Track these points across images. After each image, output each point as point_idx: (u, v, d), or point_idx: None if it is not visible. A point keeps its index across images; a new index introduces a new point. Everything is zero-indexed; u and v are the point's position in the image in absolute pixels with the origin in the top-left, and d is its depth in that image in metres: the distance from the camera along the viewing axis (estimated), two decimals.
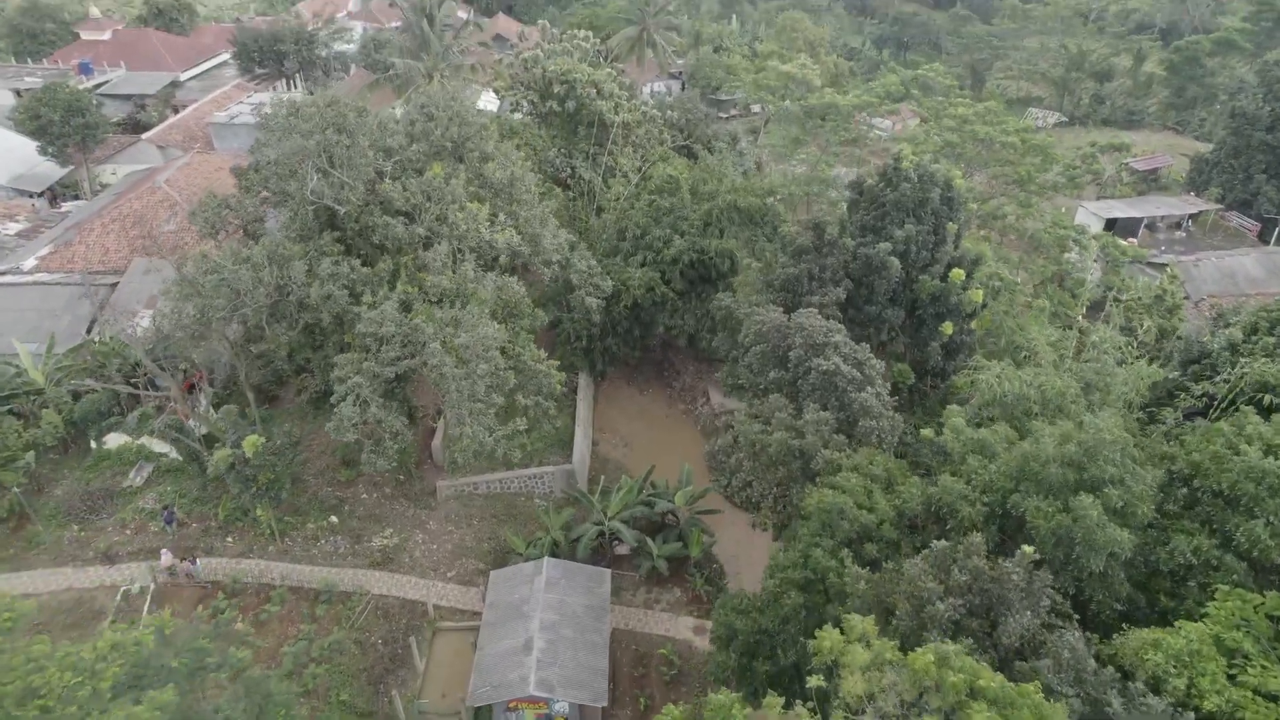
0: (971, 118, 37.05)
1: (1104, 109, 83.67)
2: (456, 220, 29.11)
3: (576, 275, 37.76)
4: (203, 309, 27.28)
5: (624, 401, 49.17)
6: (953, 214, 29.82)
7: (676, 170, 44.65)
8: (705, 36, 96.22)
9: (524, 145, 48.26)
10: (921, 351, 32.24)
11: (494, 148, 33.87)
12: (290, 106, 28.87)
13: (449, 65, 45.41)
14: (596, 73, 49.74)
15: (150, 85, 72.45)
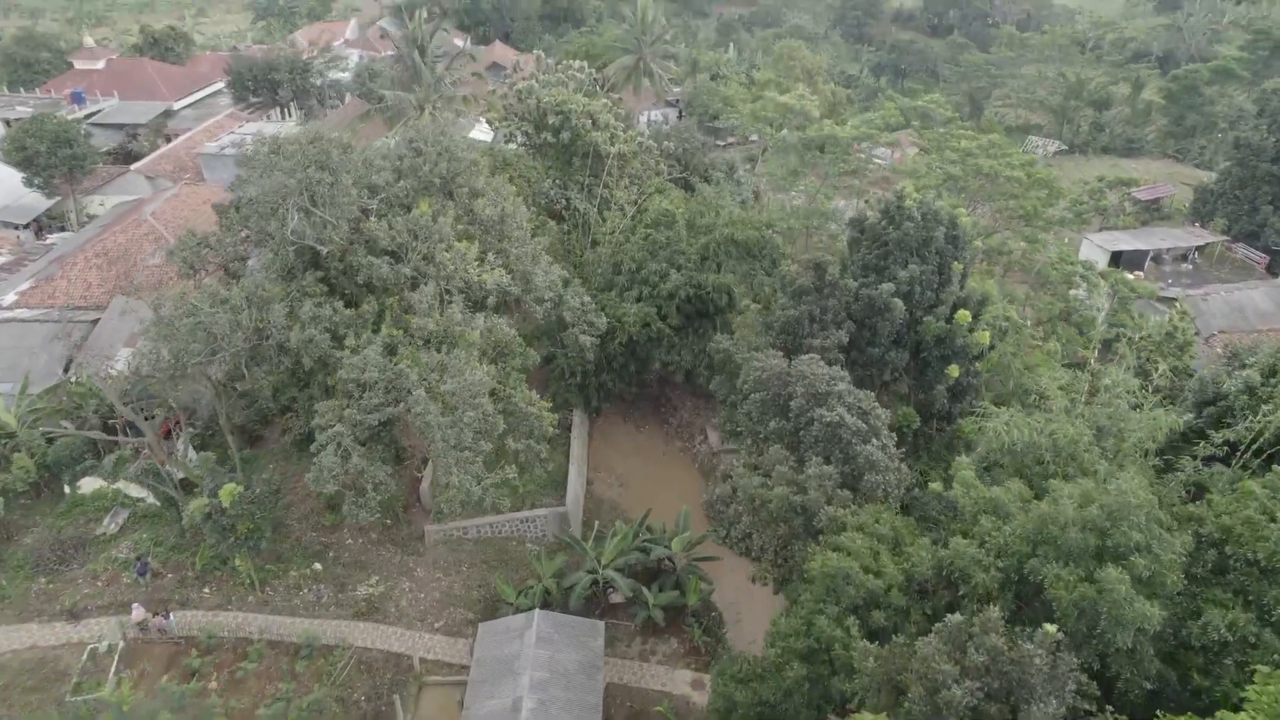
0: (975, 151, 36.19)
1: (1103, 137, 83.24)
2: (444, 260, 28.04)
3: (570, 313, 36.67)
4: (177, 353, 26.12)
5: (620, 439, 47.93)
6: (958, 253, 28.79)
7: (673, 203, 43.73)
8: (702, 64, 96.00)
9: (518, 177, 47.43)
10: (927, 394, 31.08)
11: (484, 183, 32.88)
12: (271, 144, 27.89)
13: (441, 97, 44.60)
14: (592, 103, 49.00)
15: (143, 114, 71.85)
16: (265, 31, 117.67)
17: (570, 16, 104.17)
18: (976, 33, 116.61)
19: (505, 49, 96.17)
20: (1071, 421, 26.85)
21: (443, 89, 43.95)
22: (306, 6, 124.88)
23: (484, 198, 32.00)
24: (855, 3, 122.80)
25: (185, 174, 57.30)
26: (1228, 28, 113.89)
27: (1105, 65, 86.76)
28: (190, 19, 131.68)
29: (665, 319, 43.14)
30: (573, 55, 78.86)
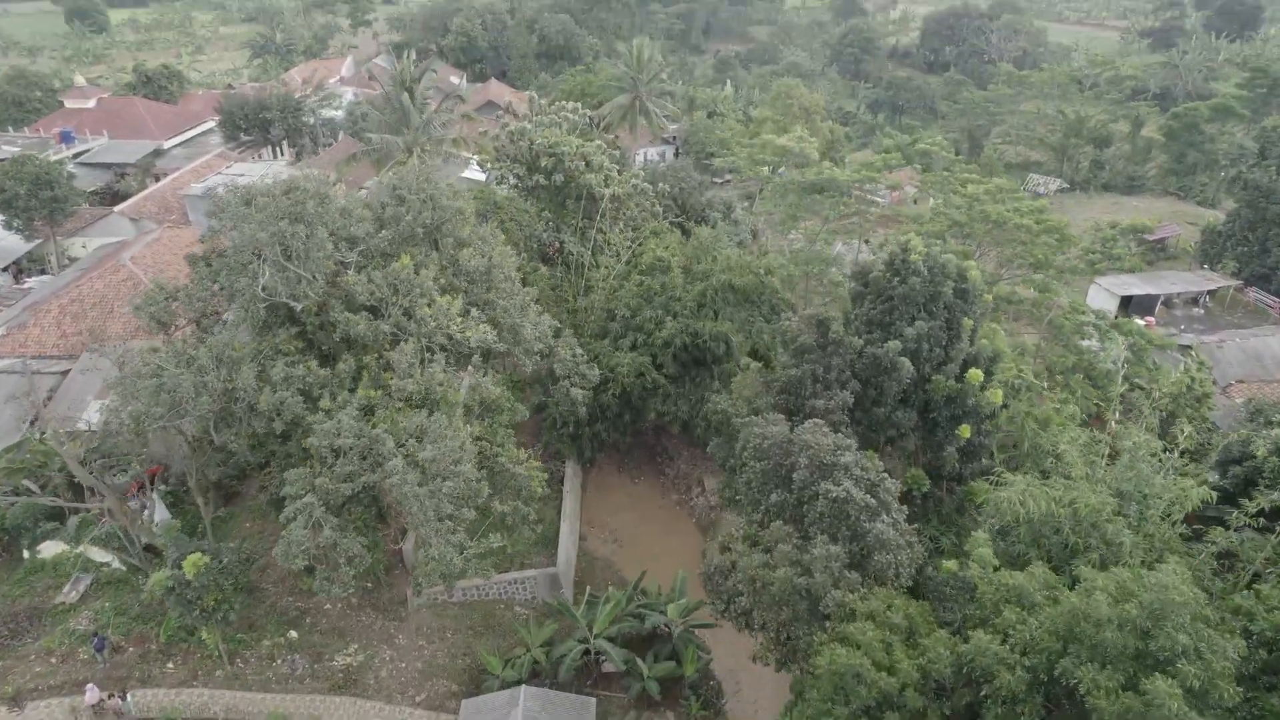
0: (982, 196, 34.89)
1: (1104, 174, 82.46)
2: (424, 316, 26.48)
3: (560, 365, 35.08)
4: (138, 417, 24.44)
5: (614, 491, 46.12)
6: (968, 308, 27.28)
7: (668, 249, 42.39)
8: (699, 102, 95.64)
9: (509, 220, 46.16)
10: (936, 455, 29.37)
11: (470, 232, 31.46)
12: (243, 194, 26.45)
13: (430, 139, 43.42)
14: (586, 145, 47.88)
15: (132, 154, 70.83)
16: (261, 69, 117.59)
17: (566, 55, 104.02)
18: (973, 69, 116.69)
19: (501, 87, 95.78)
20: (1093, 488, 25.16)
21: (431, 131, 42.77)
22: (304, 44, 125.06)
23: (470, 248, 30.55)
24: (851, 40, 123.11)
25: (171, 215, 56.01)
26: (1223, 65, 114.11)
27: (1105, 103, 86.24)
28: (187, 57, 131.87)
29: (660, 368, 41.60)
30: (568, 94, 78.28)
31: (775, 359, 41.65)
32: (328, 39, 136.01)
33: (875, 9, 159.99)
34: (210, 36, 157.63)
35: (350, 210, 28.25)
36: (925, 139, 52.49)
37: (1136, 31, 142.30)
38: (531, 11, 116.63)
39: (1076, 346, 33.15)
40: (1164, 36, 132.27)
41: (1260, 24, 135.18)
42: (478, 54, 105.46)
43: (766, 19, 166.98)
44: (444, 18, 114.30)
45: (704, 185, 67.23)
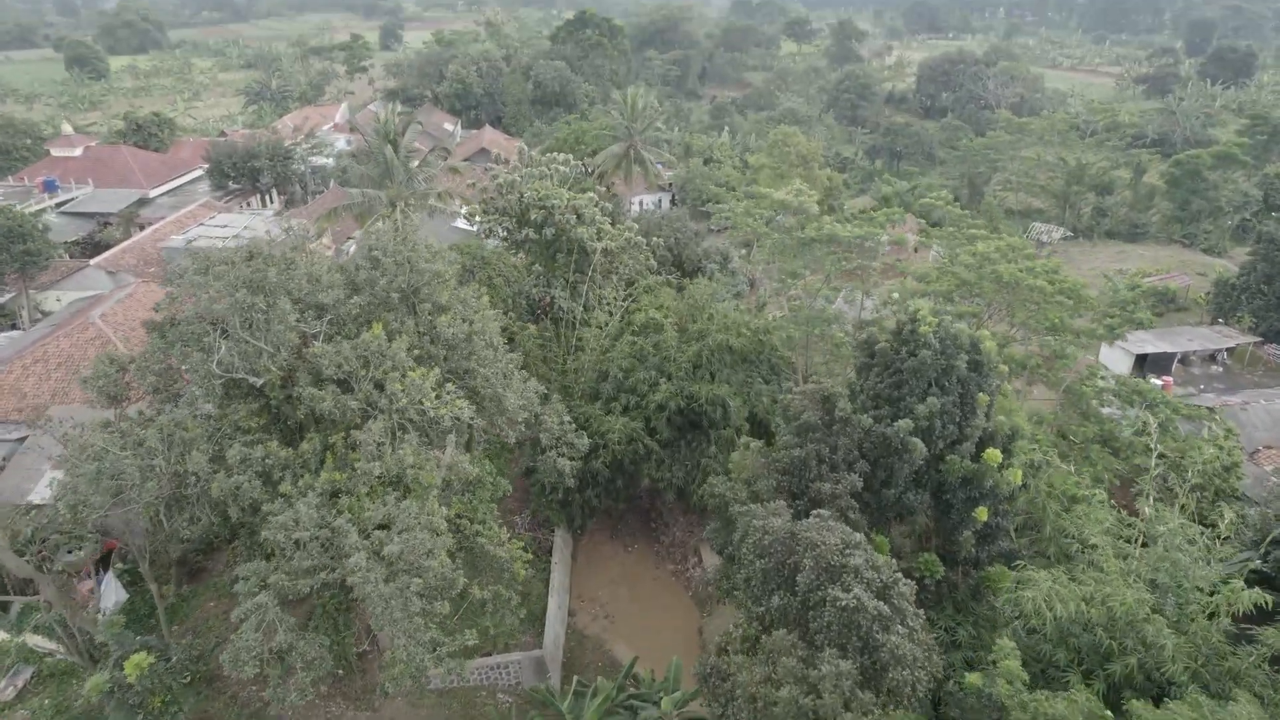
0: (993, 255, 33.14)
1: (1106, 222, 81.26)
2: (395, 392, 24.39)
3: (546, 435, 32.93)
4: (74, 506, 22.22)
5: (606, 560, 43.61)
6: (983, 382, 25.24)
7: (661, 310, 40.55)
8: (695, 149, 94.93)
9: (497, 276, 44.40)
10: (950, 537, 27.07)
11: (450, 296, 29.53)
12: (200, 261, 24.55)
13: (414, 194, 41.80)
14: (577, 197, 46.33)
15: (116, 203, 69.43)
16: (256, 115, 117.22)
17: (562, 101, 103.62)
18: (971, 115, 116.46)
19: (495, 134, 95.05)
20: (1126, 582, 22.86)
21: (415, 185, 41.16)
22: (299, 90, 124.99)
23: (449, 313, 28.59)
24: (848, 86, 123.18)
25: (150, 268, 54.24)
26: (1220, 111, 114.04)
27: (1106, 150, 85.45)
28: (182, 103, 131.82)
29: (654, 432, 39.49)
30: (562, 141, 77.31)
31: (775, 424, 39.61)
32: (324, 85, 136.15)
33: (871, 55, 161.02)
34: (208, 83, 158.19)
35: (319, 276, 26.32)
36: (929, 193, 50.97)
37: (1131, 78, 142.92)
38: (527, 59, 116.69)
39: (1097, 415, 31.08)
40: (1159, 83, 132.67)
41: (1254, 71, 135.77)
42: (473, 101, 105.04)
43: (762, 65, 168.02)
44: (439, 64, 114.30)
45: (700, 235, 65.82)
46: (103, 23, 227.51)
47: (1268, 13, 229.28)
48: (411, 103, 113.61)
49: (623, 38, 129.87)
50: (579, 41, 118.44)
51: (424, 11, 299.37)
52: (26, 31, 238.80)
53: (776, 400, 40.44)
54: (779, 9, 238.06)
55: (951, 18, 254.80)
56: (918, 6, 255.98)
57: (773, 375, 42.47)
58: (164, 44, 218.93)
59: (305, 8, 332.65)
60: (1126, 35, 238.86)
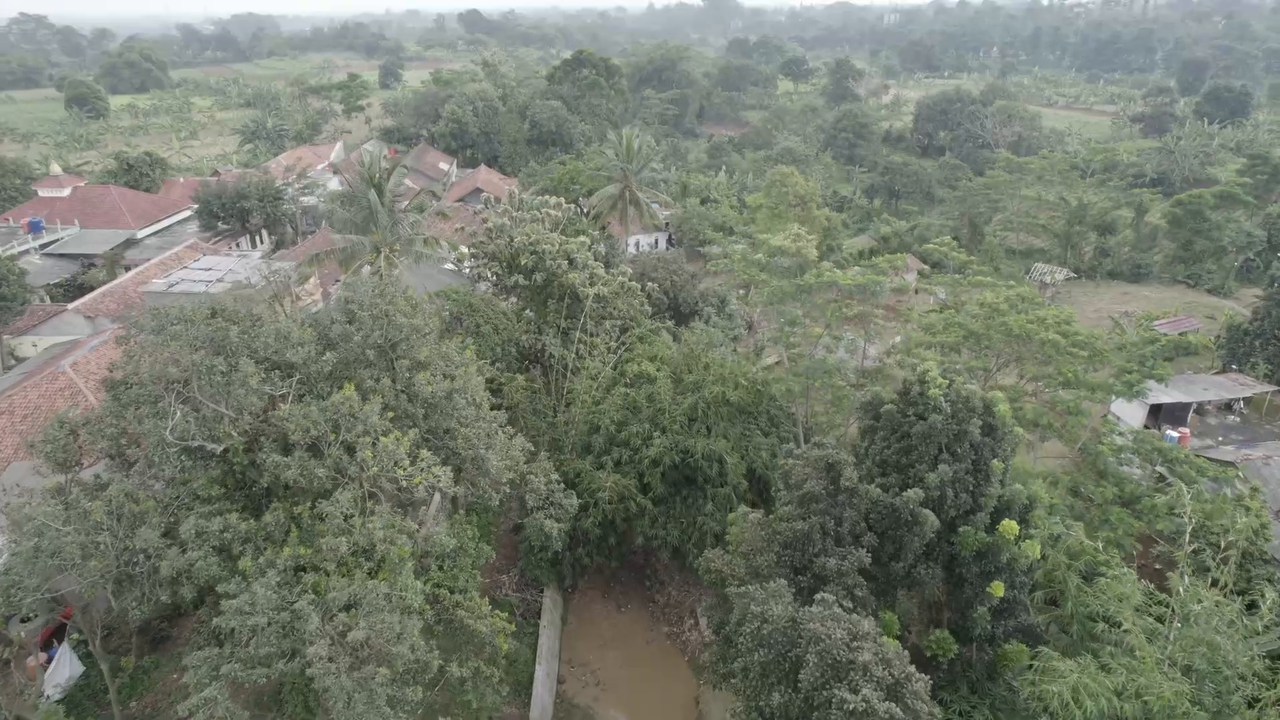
0: (1002, 306, 31.60)
1: (1109, 262, 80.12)
2: (366, 460, 22.63)
3: (533, 496, 31.06)
4: (7, 589, 20.32)
5: (598, 621, 41.41)
6: (997, 447, 23.51)
7: (655, 361, 38.97)
8: (692, 188, 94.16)
9: (485, 324, 42.83)
10: (963, 613, 25.13)
11: (431, 352, 27.91)
12: (158, 318, 22.95)
13: (399, 239, 40.42)
14: (569, 241, 44.99)
15: (101, 244, 68.14)
16: (252, 154, 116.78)
17: (558, 141, 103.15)
18: (969, 154, 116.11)
19: (490, 174, 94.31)
20: (1160, 670, 20.91)
21: (400, 230, 39.81)
22: (295, 129, 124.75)
23: (428, 370, 26.95)
24: (845, 125, 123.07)
25: (131, 313, 52.55)
26: (1218, 150, 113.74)
27: (1108, 189, 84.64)
28: (178, 142, 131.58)
29: (648, 488, 37.66)
30: (557, 181, 76.41)
31: (773, 479, 37.80)
32: (321, 124, 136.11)
33: (867, 94, 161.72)
34: (206, 122, 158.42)
35: (287, 333, 24.69)
36: (929, 232, 49.64)
37: (1128, 116, 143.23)
38: (524, 98, 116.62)
39: (1116, 474, 29.30)
40: (1156, 122, 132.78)
41: (1249, 110, 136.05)
42: (468, 140, 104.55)
43: (759, 104, 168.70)
44: (436, 103, 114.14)
45: (696, 277, 64.52)
46: (105, 62, 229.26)
47: (1258, 52, 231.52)
48: (407, 142, 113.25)
49: (620, 77, 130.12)
50: (576, 81, 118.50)
51: (425, 51, 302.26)
52: (31, 72, 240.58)
53: (776, 454, 38.68)
54: (776, 49, 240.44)
55: (947, 57, 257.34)
56: (913, 46, 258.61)
57: (772, 427, 40.74)
58: (165, 83, 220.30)
59: (308, 47, 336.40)
60: (1120, 74, 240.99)
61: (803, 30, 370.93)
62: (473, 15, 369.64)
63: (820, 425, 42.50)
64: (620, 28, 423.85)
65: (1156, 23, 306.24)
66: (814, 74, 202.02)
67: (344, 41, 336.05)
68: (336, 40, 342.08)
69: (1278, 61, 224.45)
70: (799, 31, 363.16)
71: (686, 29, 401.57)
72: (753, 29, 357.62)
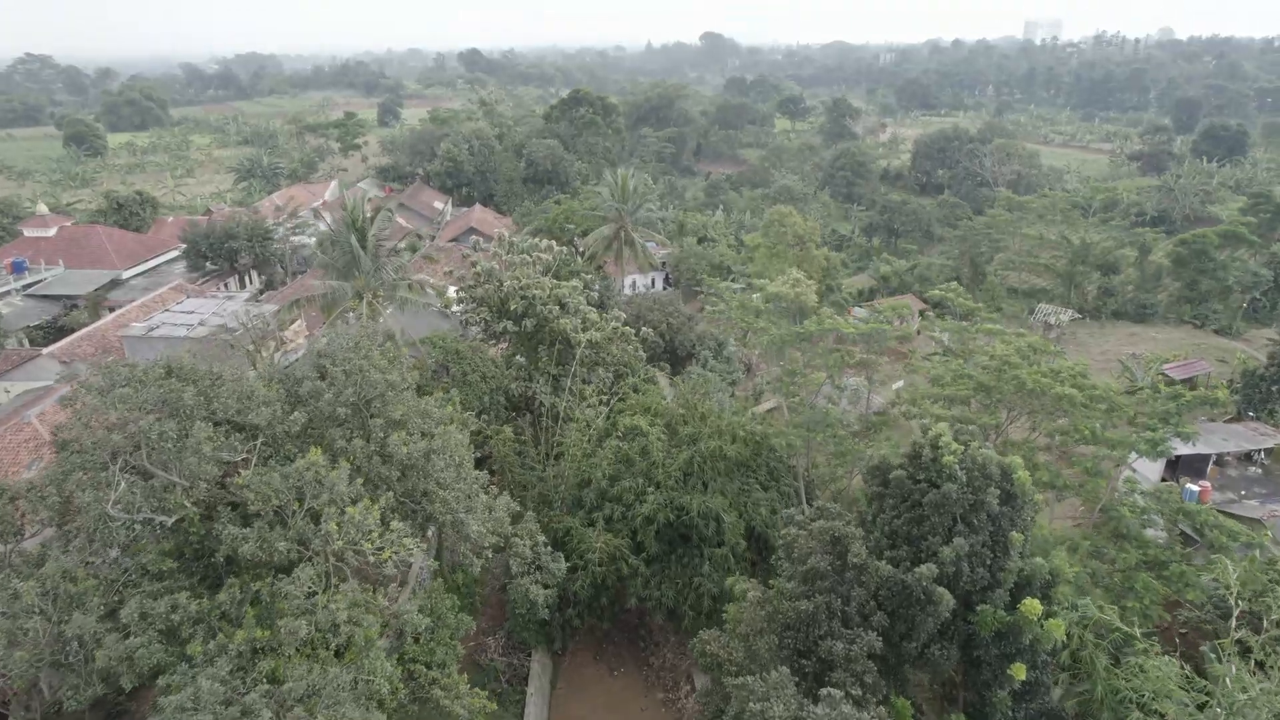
0: (1013, 358, 29.94)
1: (1113, 302, 78.78)
2: (331, 532, 20.75)
3: (518, 561, 29.10)
4: None
5: (589, 685, 39.03)
6: (1016, 517, 21.66)
7: (648, 413, 37.24)
8: (689, 227, 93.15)
9: (473, 372, 41.12)
10: (981, 694, 23.05)
11: (408, 409, 26.17)
12: (108, 377, 21.20)
13: (383, 284, 38.88)
14: (561, 286, 43.47)
15: (85, 284, 66.70)
16: (246, 193, 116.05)
17: (554, 180, 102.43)
18: (968, 192, 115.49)
19: (485, 213, 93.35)
20: None
21: (384, 275, 38.28)
22: (290, 167, 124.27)
23: (403, 430, 25.16)
24: (843, 163, 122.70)
25: (108, 357, 50.85)
26: (1218, 189, 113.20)
27: (1110, 228, 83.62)
28: (172, 180, 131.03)
29: (641, 546, 35.65)
30: (552, 220, 75.31)
31: (773, 536, 35.85)
32: (318, 162, 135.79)
33: (865, 132, 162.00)
34: (203, 159, 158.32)
35: (251, 392, 22.94)
36: (938, 286, 48.21)
37: (1125, 155, 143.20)
38: (520, 137, 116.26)
39: (1140, 537, 27.40)
40: (1154, 160, 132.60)
41: (1247, 148, 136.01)
42: (464, 179, 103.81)
43: (757, 142, 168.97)
44: (432, 142, 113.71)
45: (693, 319, 62.99)
46: (106, 101, 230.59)
47: (1249, 91, 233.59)
48: (403, 180, 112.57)
49: (617, 116, 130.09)
50: (573, 120, 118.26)
51: (424, 89, 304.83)
52: (32, 110, 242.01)
53: (776, 510, 36.76)
54: (773, 87, 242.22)
55: (943, 95, 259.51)
56: (909, 85, 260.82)
57: (771, 480, 38.82)
58: (166, 121, 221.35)
59: (308, 85, 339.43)
60: (1114, 112, 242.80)
61: (799, 69, 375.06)
62: (472, 54, 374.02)
63: (822, 477, 40.62)
64: (619, 67, 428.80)
65: (1149, 62, 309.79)
66: (811, 112, 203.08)
67: (344, 80, 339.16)
68: (337, 78, 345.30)
69: (1269, 100, 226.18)
70: (795, 70, 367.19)
71: (684, 68, 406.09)
72: (749, 68, 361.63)
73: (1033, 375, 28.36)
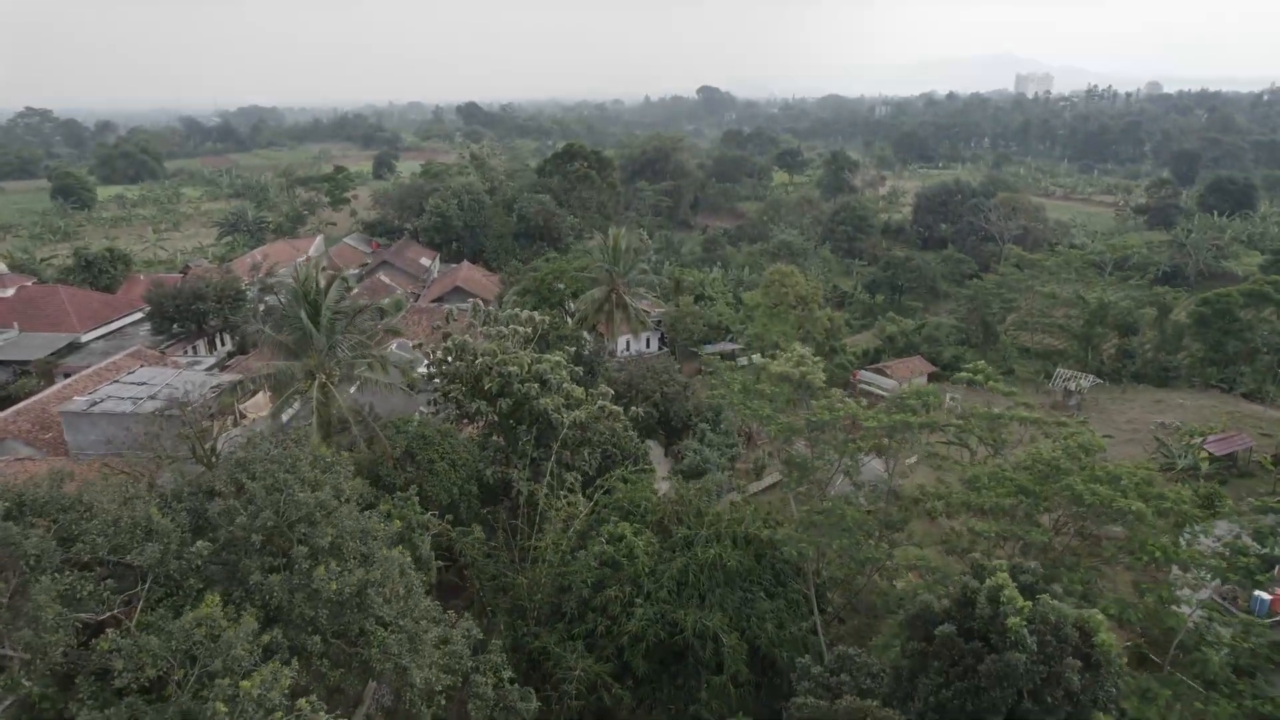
0: (1062, 461, 25.53)
1: (1132, 364, 74.62)
2: (219, 714, 16.00)
3: (479, 707, 24.21)
4: None
5: None
6: (1100, 692, 16.93)
7: (632, 521, 32.74)
8: (686, 284, 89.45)
9: (440, 460, 36.53)
10: None
11: (341, 533, 21.57)
12: None
13: (339, 362, 34.55)
14: (543, 360, 39.17)
15: (41, 348, 62.38)
16: (230, 248, 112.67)
17: (546, 236, 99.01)
18: (972, 247, 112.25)
19: (472, 270, 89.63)
20: None
21: (340, 353, 33.96)
22: (274, 222, 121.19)
23: (331, 563, 20.52)
24: (844, 218, 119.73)
25: (46, 434, 46.29)
26: (1230, 243, 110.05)
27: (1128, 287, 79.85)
28: (154, 236, 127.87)
29: (629, 667, 30.70)
30: (541, 280, 71.40)
31: (780, 655, 30.95)
32: (306, 216, 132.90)
33: (864, 185, 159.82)
34: (191, 212, 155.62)
35: (135, 524, 18.40)
36: (946, 345, 43.93)
37: (1131, 208, 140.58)
38: (512, 191, 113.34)
39: (1230, 684, 22.60)
40: (1161, 214, 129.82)
41: (1255, 202, 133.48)
42: (452, 233, 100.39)
43: (754, 195, 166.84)
44: (421, 196, 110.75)
45: (689, 387, 58.64)
46: (100, 153, 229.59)
47: (1245, 144, 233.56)
48: (391, 235, 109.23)
49: (612, 170, 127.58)
50: (566, 174, 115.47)
51: (422, 141, 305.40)
52: (26, 163, 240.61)
53: (783, 625, 31.89)
54: (770, 140, 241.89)
55: (941, 147, 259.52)
56: (906, 137, 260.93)
57: (778, 586, 33.93)
58: (160, 173, 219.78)
59: (306, 138, 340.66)
60: (1112, 165, 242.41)
61: (795, 122, 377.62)
62: (470, 107, 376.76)
63: (835, 578, 35.85)
64: (617, 120, 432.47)
65: (1142, 115, 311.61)
66: (809, 165, 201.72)
67: (342, 132, 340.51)
68: (335, 131, 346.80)
69: (1265, 154, 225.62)
70: (792, 123, 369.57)
71: (682, 120, 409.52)
72: (746, 120, 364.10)
73: (1087, 484, 23.93)
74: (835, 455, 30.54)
